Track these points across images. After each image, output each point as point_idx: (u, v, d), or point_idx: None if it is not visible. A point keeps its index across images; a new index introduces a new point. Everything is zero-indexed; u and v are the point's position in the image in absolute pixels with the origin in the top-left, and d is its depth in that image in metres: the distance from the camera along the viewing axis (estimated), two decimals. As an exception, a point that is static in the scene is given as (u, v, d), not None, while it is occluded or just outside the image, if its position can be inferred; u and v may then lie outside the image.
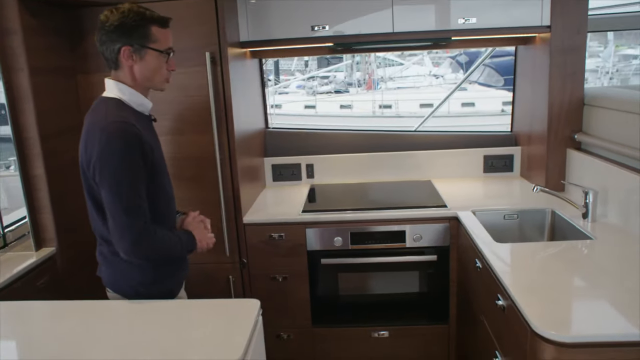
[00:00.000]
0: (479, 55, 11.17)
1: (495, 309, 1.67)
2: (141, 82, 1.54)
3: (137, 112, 1.54)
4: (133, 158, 1.43)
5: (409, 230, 2.28)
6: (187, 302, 1.58)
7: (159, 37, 1.51)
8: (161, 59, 1.53)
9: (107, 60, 1.53)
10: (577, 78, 2.29)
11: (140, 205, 1.45)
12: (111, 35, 1.47)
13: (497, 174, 2.79)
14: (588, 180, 2.17)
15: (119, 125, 1.42)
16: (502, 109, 9.24)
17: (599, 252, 1.77)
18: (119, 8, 1.48)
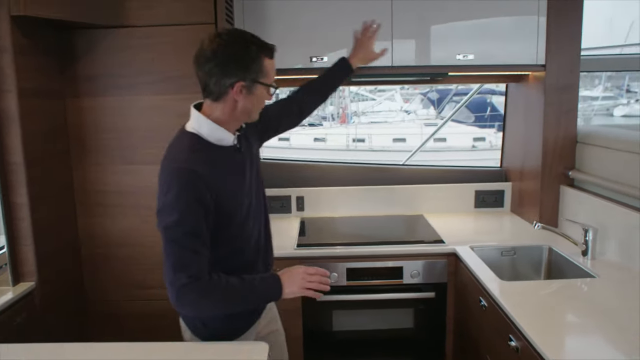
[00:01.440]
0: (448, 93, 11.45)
1: (506, 350, 1.62)
2: (239, 116, 1.44)
3: (216, 147, 1.43)
4: (189, 209, 1.32)
5: (407, 267, 2.23)
6: (187, 346, 1.47)
7: (269, 69, 1.41)
8: (268, 93, 1.44)
9: (209, 91, 1.40)
10: (570, 116, 2.33)
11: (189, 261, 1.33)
12: (225, 68, 1.35)
13: (488, 209, 2.79)
14: (582, 217, 2.18)
15: (183, 174, 1.34)
16: (473, 144, 9.48)
17: (605, 291, 1.76)
18: (229, 35, 1.38)
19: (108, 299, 2.26)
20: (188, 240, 1.33)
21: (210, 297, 1.35)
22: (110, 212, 2.19)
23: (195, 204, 1.33)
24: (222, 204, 1.38)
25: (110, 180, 2.17)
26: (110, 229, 2.20)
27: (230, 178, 1.44)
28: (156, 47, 2.09)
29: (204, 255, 1.35)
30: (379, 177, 2.89)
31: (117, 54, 2.10)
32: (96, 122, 2.15)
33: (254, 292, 1.41)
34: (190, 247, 1.33)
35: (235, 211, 1.44)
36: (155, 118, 2.14)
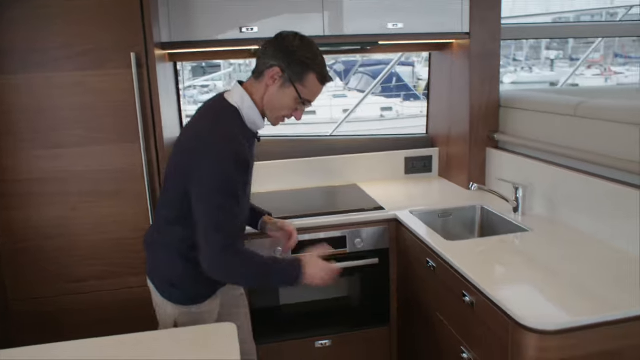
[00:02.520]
0: (354, 64, 11.64)
1: (459, 305, 1.71)
2: (265, 105, 1.53)
3: (245, 127, 1.53)
4: (238, 182, 1.45)
5: (350, 235, 2.25)
6: (151, 335, 1.38)
7: (310, 86, 1.50)
8: (295, 102, 1.51)
9: (257, 67, 1.52)
10: (493, 82, 2.46)
11: (233, 225, 1.46)
12: (277, 53, 1.47)
13: (418, 175, 2.89)
14: (508, 176, 2.32)
15: (234, 148, 1.43)
16: (381, 114, 9.76)
17: (540, 242, 1.90)
18: (305, 39, 1.51)
19: (34, 297, 2.07)
20: (231, 205, 1.43)
21: (244, 264, 1.46)
22: (33, 202, 1.98)
23: (242, 176, 1.46)
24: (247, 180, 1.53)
25: (33, 168, 1.96)
26: (34, 221, 2.00)
27: (251, 158, 1.56)
28: (72, 17, 1.89)
29: (240, 219, 1.52)
30: (307, 149, 2.88)
31: (26, 26, 1.87)
32: (6, 103, 1.92)
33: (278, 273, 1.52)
34: (233, 212, 1.44)
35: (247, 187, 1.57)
36: (78, 96, 1.95)
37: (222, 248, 1.42)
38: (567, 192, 2.02)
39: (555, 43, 13.58)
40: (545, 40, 12.91)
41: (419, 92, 10.72)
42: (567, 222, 2.02)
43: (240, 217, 1.51)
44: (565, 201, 2.03)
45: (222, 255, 1.42)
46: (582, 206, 1.95)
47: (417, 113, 9.63)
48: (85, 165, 2.00)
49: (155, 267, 1.65)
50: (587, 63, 13.36)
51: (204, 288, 1.62)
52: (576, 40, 13.07)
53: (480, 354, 1.62)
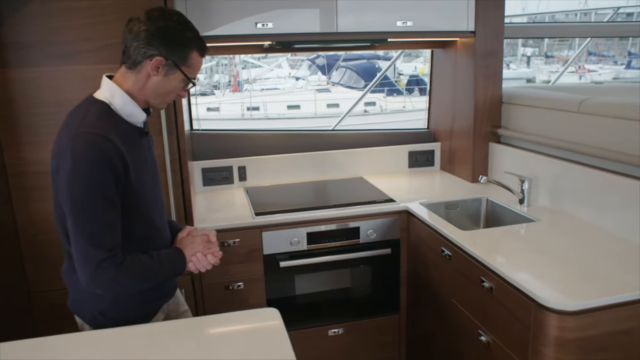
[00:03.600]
0: (337, 58, 11.68)
1: (478, 291, 1.80)
2: (147, 95, 1.38)
3: (125, 123, 1.37)
4: (102, 180, 1.26)
5: (363, 227, 2.33)
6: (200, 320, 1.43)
7: (194, 64, 1.39)
8: (182, 84, 1.39)
9: (127, 56, 1.34)
10: (496, 78, 2.56)
11: (105, 234, 1.28)
12: (151, 39, 1.31)
13: (421, 169, 2.99)
14: (511, 169, 2.43)
15: (92, 139, 1.25)
16: (365, 109, 9.85)
17: (549, 231, 2.01)
18: (173, 15, 1.34)
19: (56, 289, 2.08)
20: (101, 212, 1.27)
21: (128, 273, 1.31)
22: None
23: (107, 173, 1.26)
24: (129, 180, 1.33)
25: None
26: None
27: (137, 158, 1.38)
28: (96, 10, 1.91)
29: (118, 227, 1.31)
30: (313, 143, 2.94)
31: (50, 19, 1.88)
32: (29, 95, 1.93)
33: (164, 265, 1.39)
34: (105, 219, 1.28)
35: (142, 189, 1.39)
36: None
37: (97, 264, 1.26)
38: (570, 184, 2.14)
39: (531, 41, 13.89)
40: (521, 39, 13.21)
41: (400, 87, 10.87)
42: (571, 212, 2.13)
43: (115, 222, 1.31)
44: (568, 193, 2.15)
45: (98, 272, 1.27)
46: (585, 197, 2.07)
47: (400, 108, 9.79)
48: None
49: (77, 298, 1.47)
50: (562, 61, 13.74)
51: (142, 308, 1.48)
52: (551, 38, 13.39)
53: (498, 336, 1.72)
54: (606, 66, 13.29)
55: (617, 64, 13.88)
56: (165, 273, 1.41)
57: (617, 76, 12.43)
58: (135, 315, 1.44)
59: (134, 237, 1.38)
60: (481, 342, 1.80)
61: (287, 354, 1.19)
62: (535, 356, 1.54)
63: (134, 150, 1.37)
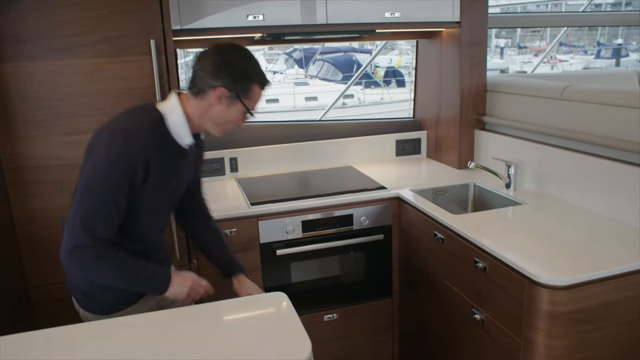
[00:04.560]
0: (314, 52, 11.69)
1: (471, 272, 1.88)
2: (205, 122, 1.49)
3: (170, 139, 1.47)
4: (118, 180, 1.37)
5: (356, 213, 2.39)
6: (209, 306, 1.47)
7: (255, 97, 1.49)
8: (242, 115, 1.50)
9: (194, 84, 1.46)
10: (481, 67, 2.64)
11: (98, 225, 1.37)
12: (217, 71, 1.42)
13: (408, 157, 3.06)
14: (497, 155, 2.52)
15: (129, 141, 1.37)
16: (343, 102, 9.91)
17: (536, 213, 2.10)
18: (239, 50, 1.47)
19: (55, 282, 2.09)
20: (105, 204, 1.37)
21: (102, 267, 1.40)
22: (52, 188, 2.01)
23: (125, 175, 1.37)
24: (143, 187, 1.42)
25: (52, 154, 1.98)
26: (54, 208, 2.02)
27: (164, 173, 1.48)
28: (92, 4, 1.92)
29: (114, 223, 1.41)
30: (300, 134, 2.98)
31: (46, 12, 1.88)
32: (25, 90, 1.93)
33: (142, 279, 1.47)
34: (105, 211, 1.38)
35: (151, 201, 1.49)
36: (96, 83, 1.98)
37: (77, 245, 1.36)
38: (554, 168, 2.23)
39: (504, 32, 14.14)
40: (495, 30, 13.44)
41: (377, 79, 10.96)
42: (556, 195, 2.23)
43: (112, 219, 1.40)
44: (553, 176, 2.24)
45: (75, 253, 1.37)
46: (569, 180, 2.16)
47: (378, 100, 9.88)
48: (105, 151, 2.03)
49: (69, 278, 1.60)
50: (534, 51, 14.03)
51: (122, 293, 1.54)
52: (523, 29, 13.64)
53: (492, 313, 1.80)
54: (577, 56, 13.63)
55: (587, 53, 14.25)
56: (140, 284, 1.49)
57: (587, 66, 12.76)
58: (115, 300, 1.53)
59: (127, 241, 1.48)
60: (475, 319, 1.88)
61: (301, 336, 1.24)
62: (529, 330, 1.62)
63: (168, 166, 1.48)
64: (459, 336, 2.03)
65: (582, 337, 1.60)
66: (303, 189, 2.56)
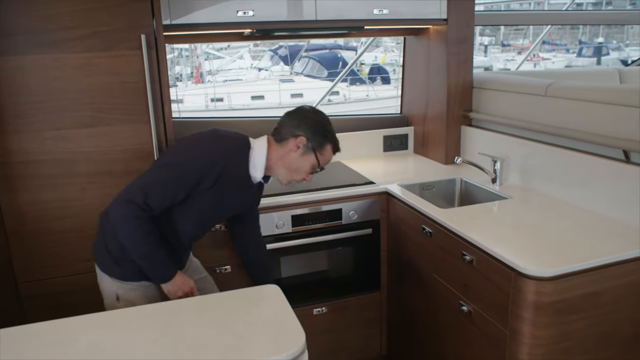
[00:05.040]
0: (300, 49, 11.68)
1: (459, 265, 1.92)
2: (279, 166, 1.73)
3: (246, 166, 1.68)
4: (197, 168, 1.58)
5: (345, 208, 2.42)
6: (205, 298, 1.49)
7: (326, 155, 1.76)
8: (312, 167, 1.75)
9: (278, 132, 1.74)
10: (468, 64, 2.68)
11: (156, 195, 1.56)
12: (302, 124, 1.70)
13: (395, 152, 3.09)
14: (483, 151, 2.56)
15: (219, 145, 1.64)
16: (329, 98, 9.93)
17: (521, 207, 2.15)
18: (321, 113, 1.77)
19: (45, 278, 2.09)
20: (173, 181, 1.58)
21: (133, 229, 1.56)
22: (42, 183, 2.00)
23: (201, 171, 1.58)
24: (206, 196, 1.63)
25: (41, 149, 1.97)
26: (43, 202, 2.01)
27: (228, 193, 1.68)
28: (81, -1, 1.92)
29: (165, 203, 1.59)
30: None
31: (35, 6, 1.87)
32: (14, 84, 1.92)
33: (154, 262, 1.62)
34: (169, 186, 1.57)
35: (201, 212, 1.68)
36: (87, 78, 1.98)
37: (129, 200, 1.54)
38: (539, 163, 2.28)
39: (488, 29, 14.28)
40: (478, 27, 13.58)
41: (363, 76, 11.00)
42: (541, 189, 2.28)
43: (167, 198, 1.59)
44: (537, 171, 2.29)
45: (124, 205, 1.54)
46: (553, 175, 2.21)
47: (363, 97, 9.93)
48: (95, 145, 2.04)
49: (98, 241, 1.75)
50: (517, 49, 14.19)
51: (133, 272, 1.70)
52: (506, 27, 13.78)
53: (479, 305, 1.84)
54: (559, 54, 13.82)
55: (569, 52, 14.46)
56: (148, 263, 1.63)
57: (570, 64, 12.95)
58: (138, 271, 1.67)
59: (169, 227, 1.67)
60: (462, 311, 1.92)
61: (295, 327, 1.27)
62: (515, 320, 1.67)
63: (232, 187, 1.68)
64: (446, 328, 2.08)
65: (566, 327, 1.65)
66: (292, 184, 2.57)
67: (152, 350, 1.18)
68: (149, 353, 1.16)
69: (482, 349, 1.86)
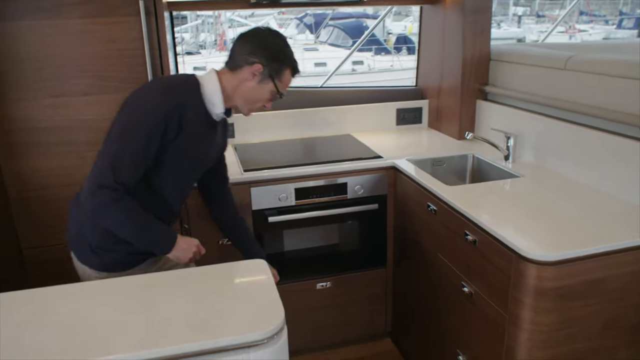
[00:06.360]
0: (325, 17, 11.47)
1: (461, 245, 1.85)
2: (236, 97, 1.57)
3: (203, 106, 1.54)
4: (155, 123, 1.43)
5: (350, 182, 2.36)
6: (187, 272, 1.46)
7: (285, 81, 1.59)
8: (271, 95, 1.59)
9: (232, 59, 1.56)
10: (485, 35, 2.55)
11: (125, 168, 1.43)
12: (256, 50, 1.52)
13: (409, 126, 3.00)
14: (498, 126, 2.46)
15: (169, 90, 1.48)
16: (353, 68, 9.75)
17: (533, 186, 2.05)
18: (278, 35, 1.58)
19: (47, 244, 2.11)
20: (137, 146, 1.43)
21: (115, 212, 1.44)
22: (42, 151, 2.00)
23: (161, 123, 1.43)
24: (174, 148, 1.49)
25: (41, 116, 1.96)
26: (44, 170, 2.02)
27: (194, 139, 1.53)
28: (78, -37, 1.87)
29: (138, 171, 1.46)
30: (300, 100, 2.93)
31: (31, -29, 1.84)
32: (10, 51, 1.90)
33: (149, 234, 1.52)
34: (135, 153, 1.43)
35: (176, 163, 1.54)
36: (84, 45, 1.95)
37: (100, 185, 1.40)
38: (554, 140, 2.17)
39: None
40: (512, -4, 13.08)
41: (389, 46, 10.74)
42: (554, 168, 2.18)
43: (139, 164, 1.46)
44: (552, 149, 2.18)
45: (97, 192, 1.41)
46: (568, 153, 2.10)
47: (388, 67, 9.71)
48: (94, 113, 2.02)
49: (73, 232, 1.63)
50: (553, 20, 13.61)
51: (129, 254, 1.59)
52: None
53: (480, 287, 1.78)
54: (597, 26, 13.20)
55: (608, 23, 13.80)
56: (145, 239, 1.52)
57: (608, 36, 12.36)
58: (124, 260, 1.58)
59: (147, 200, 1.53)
60: (464, 293, 1.86)
61: (275, 304, 1.23)
62: (515, 305, 1.60)
63: (196, 131, 1.53)
64: (448, 308, 2.02)
65: (568, 314, 1.58)
66: (298, 156, 2.52)
67: (123, 323, 1.16)
68: (119, 325, 1.15)
69: (482, 331, 1.80)
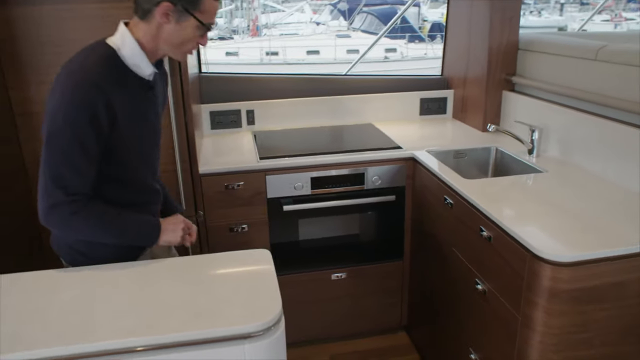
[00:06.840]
0: (359, 3, 11.39)
1: (476, 240, 1.80)
2: (161, 45, 1.34)
3: (130, 73, 1.34)
4: (82, 126, 1.24)
5: (368, 172, 2.32)
6: (187, 260, 1.46)
7: (208, 8, 1.31)
8: (198, 31, 1.33)
9: (138, 4, 1.31)
10: (513, 23, 2.45)
11: (71, 178, 1.27)
12: None
13: (432, 117, 2.93)
14: (524, 119, 2.37)
15: (83, 83, 1.24)
16: (385, 55, 9.63)
17: (556, 182, 1.96)
18: None
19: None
20: (72, 152, 1.25)
21: (84, 222, 1.30)
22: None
23: (87, 117, 1.24)
24: (119, 130, 1.32)
25: (59, 99, 1.99)
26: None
27: (135, 111, 1.36)
28: (96, -53, 1.87)
29: (87, 174, 1.29)
30: (323, 88, 2.90)
31: (50, -45, 1.85)
32: (31, 35, 1.92)
33: (130, 231, 1.39)
34: (74, 160, 1.26)
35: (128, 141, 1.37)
36: (103, 29, 1.94)
37: (53, 204, 1.26)
38: (581, 135, 2.07)
39: (565, -15, 13.21)
40: (555, -17, 12.57)
41: (423, 34, 10.55)
42: (580, 164, 2.08)
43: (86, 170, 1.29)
44: (579, 144, 2.09)
45: (52, 212, 1.27)
46: (595, 149, 2.01)
47: (421, 55, 9.54)
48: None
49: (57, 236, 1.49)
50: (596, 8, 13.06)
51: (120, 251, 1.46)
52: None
53: (494, 285, 1.72)
54: (645, 14, 12.61)
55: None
56: (128, 238, 1.40)
57: (656, 25, 11.80)
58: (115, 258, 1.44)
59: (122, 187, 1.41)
60: (477, 290, 1.81)
61: (274, 295, 1.22)
62: (528, 306, 1.54)
63: (134, 102, 1.35)
64: (462, 305, 1.97)
65: (584, 318, 1.51)
66: (316, 145, 2.49)
67: (118, 308, 1.17)
68: (115, 311, 1.16)
69: (494, 331, 1.75)
